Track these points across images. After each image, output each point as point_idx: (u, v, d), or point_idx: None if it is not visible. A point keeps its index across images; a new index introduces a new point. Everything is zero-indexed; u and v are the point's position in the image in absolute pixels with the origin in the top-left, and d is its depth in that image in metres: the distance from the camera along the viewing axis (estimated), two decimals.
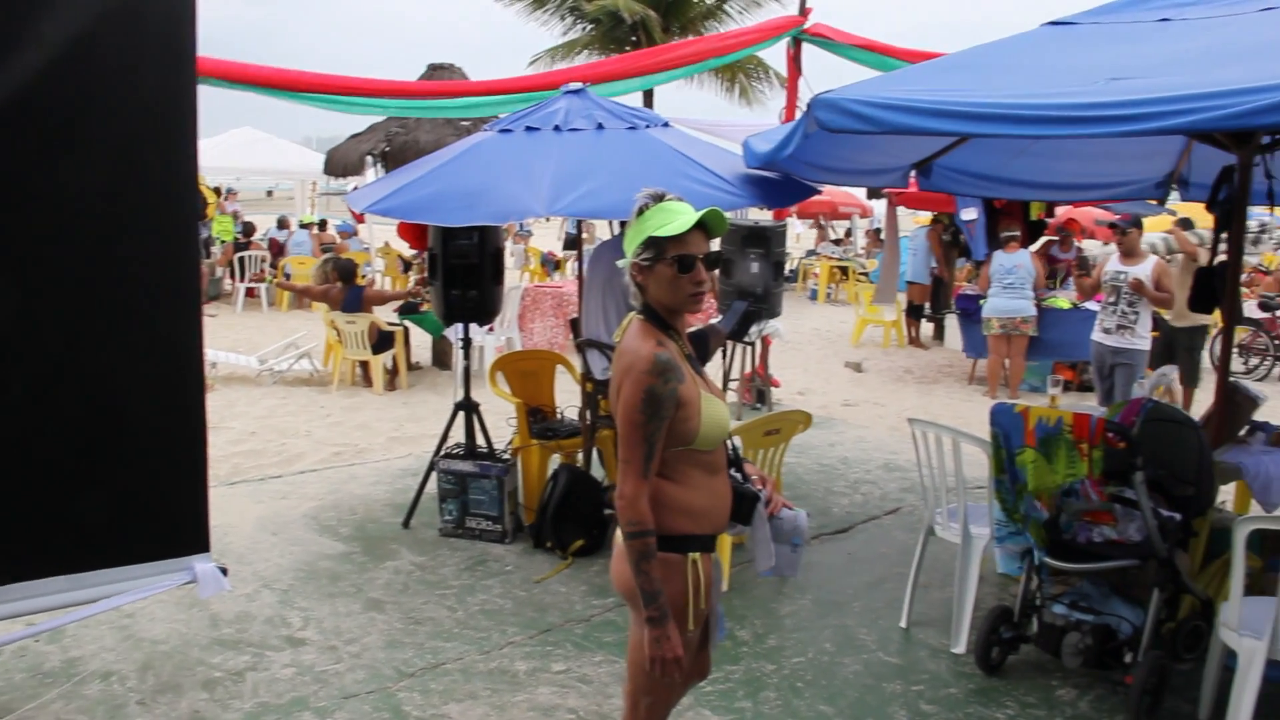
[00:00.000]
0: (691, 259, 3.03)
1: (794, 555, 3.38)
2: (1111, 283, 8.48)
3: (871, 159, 6.80)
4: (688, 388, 3.02)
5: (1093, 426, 4.49)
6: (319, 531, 6.91)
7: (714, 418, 3.06)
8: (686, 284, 3.05)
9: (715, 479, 3.16)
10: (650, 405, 2.94)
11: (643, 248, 3.07)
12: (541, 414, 7.41)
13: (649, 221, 3.06)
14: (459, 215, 5.92)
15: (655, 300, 3.10)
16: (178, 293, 3.33)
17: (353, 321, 11.63)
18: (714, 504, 3.16)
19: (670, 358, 2.98)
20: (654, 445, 2.98)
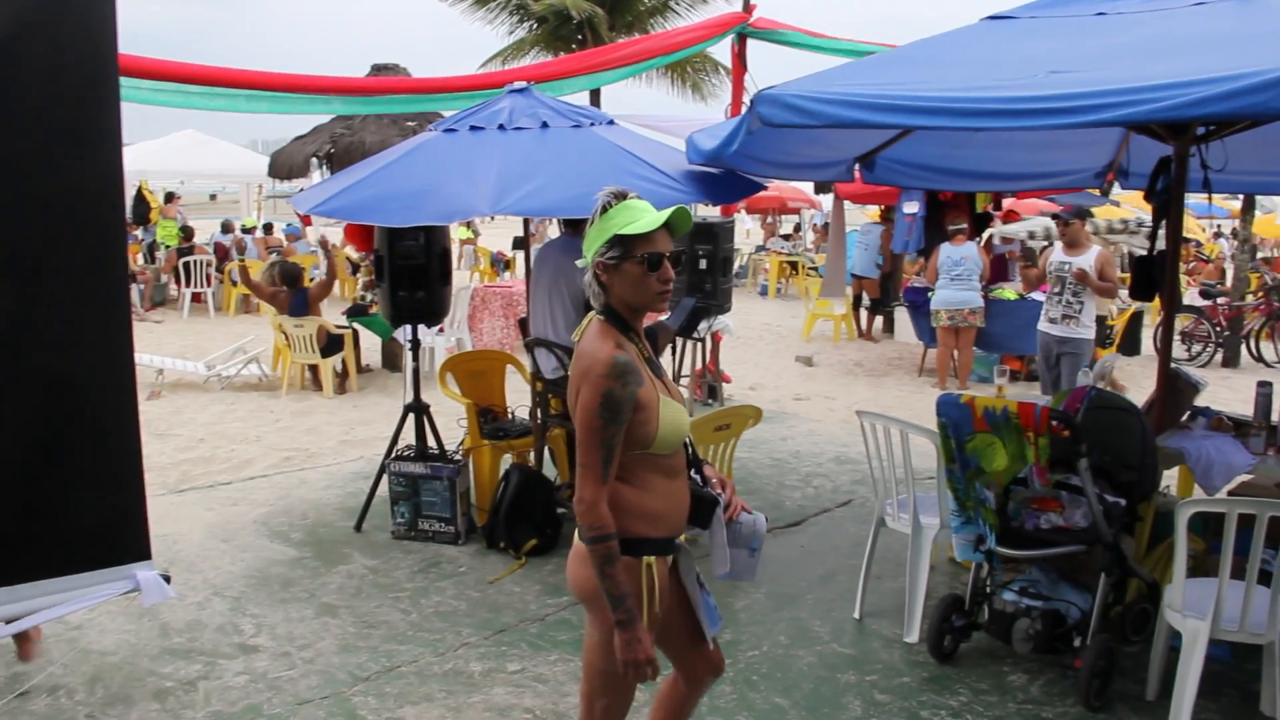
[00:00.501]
0: (659, 256, 2.99)
1: (752, 560, 3.36)
2: (1056, 273, 8.58)
3: (815, 153, 6.84)
4: (646, 391, 2.98)
5: (1037, 415, 4.54)
6: (270, 537, 6.85)
7: (673, 421, 3.04)
8: (654, 282, 3.01)
9: (673, 482, 3.13)
10: (608, 409, 2.91)
11: (607, 246, 3.02)
12: (492, 414, 7.38)
13: (613, 220, 3.01)
14: (404, 215, 5.89)
15: (620, 300, 3.05)
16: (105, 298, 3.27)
17: (301, 325, 11.54)
18: (671, 508, 3.13)
19: (629, 360, 2.94)
20: (613, 449, 2.94)
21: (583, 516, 2.96)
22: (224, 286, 18.94)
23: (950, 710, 4.66)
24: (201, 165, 21.08)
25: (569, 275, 6.34)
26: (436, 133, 6.58)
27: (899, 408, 10.73)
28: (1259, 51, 3.67)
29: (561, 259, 6.43)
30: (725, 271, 9.65)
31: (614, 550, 2.95)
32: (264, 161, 16.66)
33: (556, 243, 6.67)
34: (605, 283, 3.06)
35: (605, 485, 2.95)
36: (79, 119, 3.14)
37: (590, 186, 5.71)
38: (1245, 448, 5.24)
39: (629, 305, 3.06)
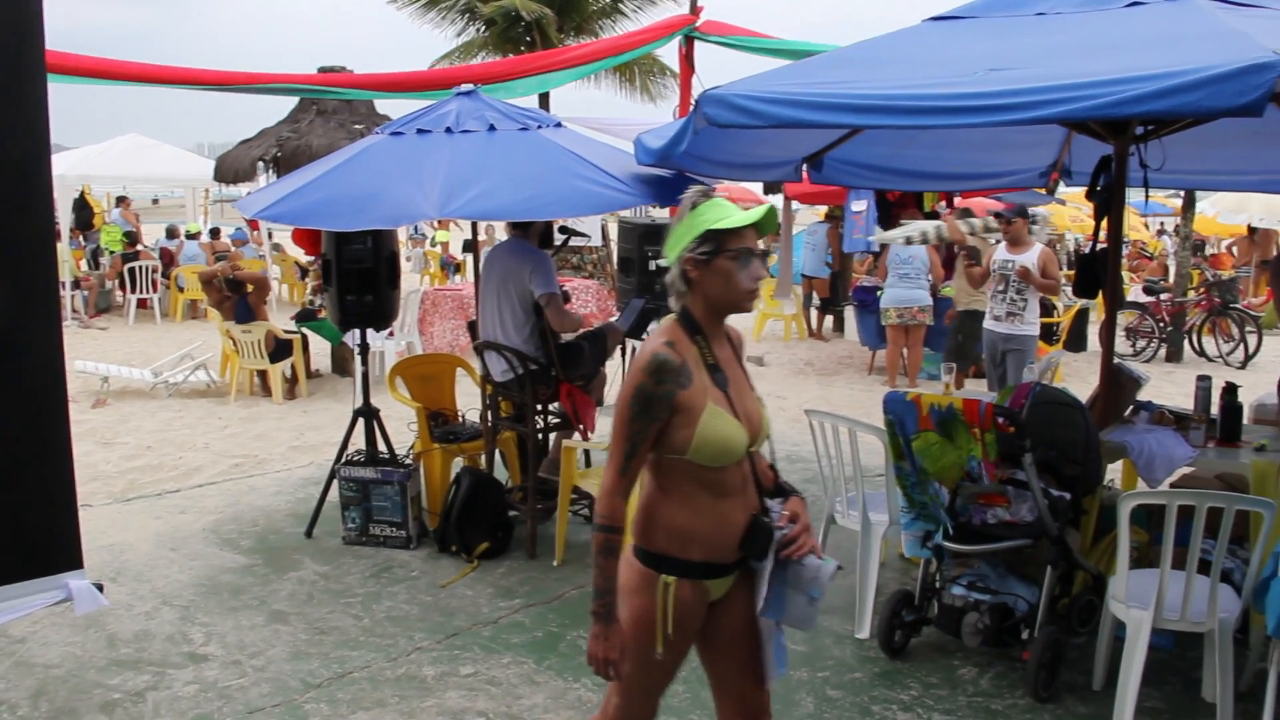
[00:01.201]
0: (750, 252, 2.93)
1: (809, 609, 3.04)
2: (1000, 271, 8.67)
3: (763, 153, 6.88)
4: (690, 395, 2.87)
5: (982, 411, 4.59)
6: (220, 545, 6.79)
7: (716, 433, 2.88)
8: (745, 279, 2.93)
9: (720, 501, 2.95)
10: (638, 403, 2.84)
11: (698, 241, 2.92)
12: (443, 418, 7.37)
13: (704, 215, 2.93)
14: (351, 219, 5.86)
15: (706, 297, 2.97)
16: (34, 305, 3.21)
17: (249, 331, 11.44)
18: (710, 529, 2.96)
19: (671, 359, 2.85)
20: (637, 445, 2.87)
21: (597, 501, 2.91)
22: (170, 292, 18.72)
23: (901, 704, 4.71)
24: (145, 169, 20.73)
25: (517, 278, 6.34)
26: (383, 136, 6.56)
27: (849, 406, 10.81)
28: (1192, 51, 3.74)
29: (509, 262, 6.43)
30: None
31: (611, 543, 2.87)
32: (209, 165, 16.47)
33: (504, 245, 6.66)
34: (694, 279, 2.96)
35: (624, 477, 2.88)
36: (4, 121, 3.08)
37: (537, 189, 5.79)
38: (1186, 441, 5.32)
39: (714, 304, 2.99)
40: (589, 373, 6.70)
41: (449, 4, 20.18)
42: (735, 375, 3.05)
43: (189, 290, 18.29)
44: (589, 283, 14.86)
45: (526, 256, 6.39)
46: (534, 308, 6.34)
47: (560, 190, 5.84)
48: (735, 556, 3.00)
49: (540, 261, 6.36)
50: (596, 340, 6.75)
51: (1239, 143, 6.48)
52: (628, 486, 2.90)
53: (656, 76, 20.84)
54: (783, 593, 3.02)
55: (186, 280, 18.30)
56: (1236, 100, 3.40)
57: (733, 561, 3.01)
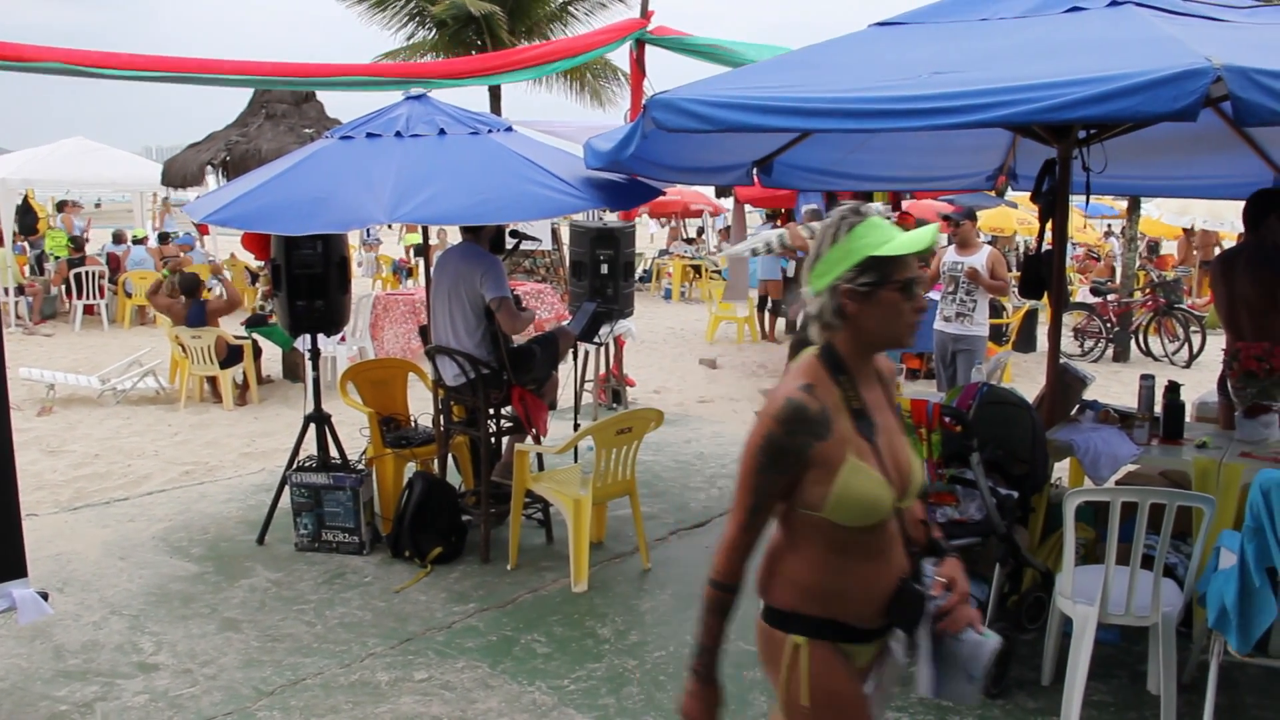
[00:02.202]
0: (912, 282, 2.55)
1: (969, 686, 2.67)
2: (949, 273, 8.78)
3: (713, 158, 6.93)
4: (829, 447, 2.48)
5: (929, 411, 4.66)
6: (170, 553, 6.73)
7: (857, 492, 2.49)
8: (909, 311, 2.56)
9: (861, 563, 2.57)
10: (767, 455, 2.49)
11: (858, 270, 2.51)
12: (395, 422, 7.35)
13: (863, 240, 2.52)
14: (300, 224, 5.84)
15: (861, 332, 2.56)
16: None
17: (199, 336, 11.34)
18: (848, 587, 2.58)
19: (808, 406, 2.48)
20: (763, 500, 2.53)
21: (714, 555, 2.59)
22: (117, 298, 18.46)
23: None
24: (91, 173, 20.47)
25: (468, 282, 6.34)
26: (333, 140, 6.53)
27: None
28: (1130, 57, 3.82)
29: (460, 266, 6.42)
30: (627, 276, 9.71)
31: (720, 602, 2.58)
32: (157, 169, 16.29)
33: (456, 249, 6.65)
34: (851, 314, 2.55)
35: (746, 534, 2.55)
36: None
37: (488, 193, 5.80)
38: (1130, 439, 5.42)
39: (870, 340, 2.59)
40: (541, 376, 6.70)
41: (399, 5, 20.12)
42: (885, 421, 2.63)
43: (136, 296, 18.07)
44: (541, 287, 14.87)
45: (477, 260, 6.39)
46: (485, 312, 6.34)
47: (511, 194, 5.85)
48: (879, 623, 2.62)
49: (491, 265, 6.37)
50: (548, 344, 6.75)
51: (1178, 149, 6.62)
52: (750, 543, 2.57)
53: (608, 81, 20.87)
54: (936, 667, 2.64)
55: (134, 286, 18.08)
56: (1171, 105, 3.48)
57: (876, 628, 2.63)
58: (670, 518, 7.39)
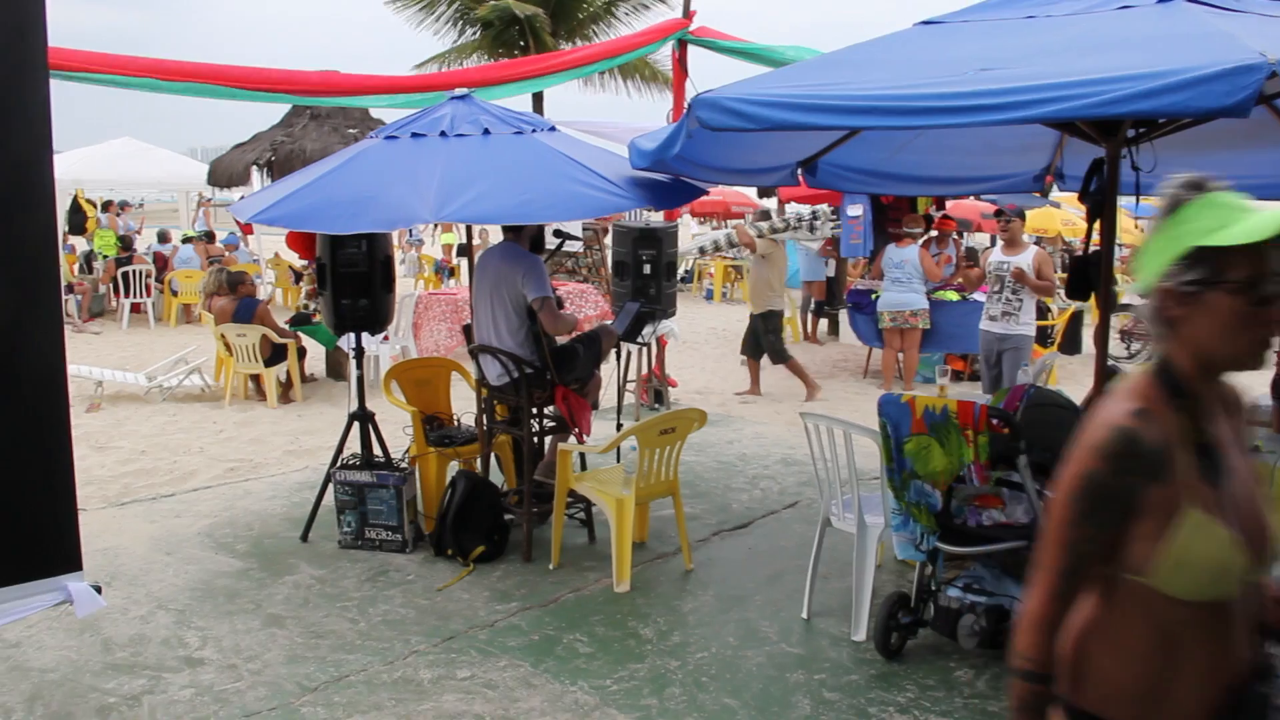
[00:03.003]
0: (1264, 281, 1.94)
1: None
2: (995, 272, 8.72)
3: (757, 158, 6.90)
4: (1166, 492, 1.96)
5: (976, 413, 4.62)
6: (215, 549, 6.80)
7: (1199, 555, 1.95)
8: (1258, 325, 1.96)
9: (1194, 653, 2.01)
10: (1088, 499, 2.00)
11: (1185, 265, 1.98)
12: (438, 421, 7.38)
13: (1191, 224, 1.97)
14: (345, 223, 5.88)
15: (1197, 344, 2.01)
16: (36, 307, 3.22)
17: (244, 334, 11.44)
18: (1170, 687, 2.02)
19: (1141, 437, 1.97)
20: (1082, 558, 2.02)
21: (1016, 634, 2.10)
22: (164, 296, 18.70)
23: (898, 706, 4.73)
24: (138, 173, 20.70)
25: (510, 282, 6.36)
26: (378, 140, 6.58)
27: (845, 409, 10.83)
28: (1181, 52, 3.77)
29: (502, 266, 6.44)
30: (669, 276, 9.71)
31: (1039, 699, 2.08)
32: (203, 169, 16.46)
33: (496, 249, 6.68)
34: (1176, 321, 2.02)
35: (1059, 602, 2.05)
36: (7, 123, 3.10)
37: (532, 193, 5.82)
38: None
39: (1203, 356, 2.02)
40: (584, 376, 6.72)
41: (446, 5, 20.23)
42: (1237, 463, 2.07)
43: (183, 294, 18.31)
44: (584, 287, 14.87)
45: (518, 260, 6.41)
46: (527, 311, 6.36)
47: (555, 194, 5.86)
48: None
49: (532, 265, 6.38)
50: (591, 343, 6.77)
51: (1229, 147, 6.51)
52: (1061, 614, 2.06)
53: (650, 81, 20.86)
54: None
55: (180, 285, 18.30)
56: (1224, 101, 3.42)
57: None
58: (712, 518, 7.38)
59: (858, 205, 13.57)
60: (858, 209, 13.57)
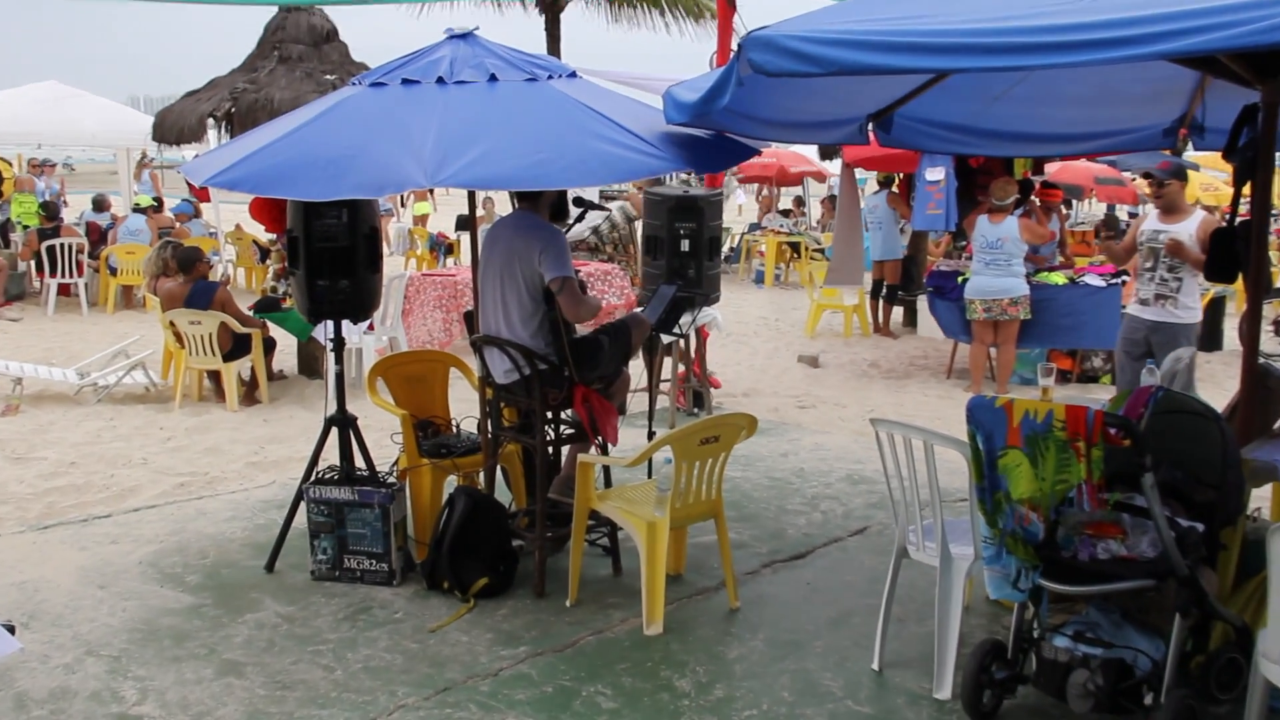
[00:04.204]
0: None
1: None
2: (1149, 244, 8.48)
3: (820, 109, 6.87)
4: None
5: (1090, 421, 4.56)
6: (160, 581, 6.82)
7: None
8: None
9: None
10: None
11: None
12: (433, 427, 7.39)
13: None
14: (322, 187, 5.87)
15: None
16: None
17: (198, 322, 11.47)
18: None
19: None
20: None
21: None
22: (100, 276, 18.71)
23: None
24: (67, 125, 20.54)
25: (524, 259, 6.34)
26: (361, 87, 6.58)
27: (924, 415, 10.80)
28: None
29: (515, 240, 6.44)
30: (712, 254, 9.66)
31: None
32: (147, 122, 16.52)
33: (508, 221, 6.68)
34: None
35: None
36: None
37: (549, 152, 5.82)
38: None
39: None
40: (609, 374, 6.71)
41: None
42: None
43: (123, 274, 18.30)
44: (609, 267, 14.89)
45: (535, 233, 6.40)
46: (544, 295, 6.35)
47: (577, 153, 5.85)
48: None
49: (552, 239, 6.37)
50: (619, 335, 6.75)
51: None
52: None
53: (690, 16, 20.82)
54: None
55: (120, 262, 18.25)
56: None
57: None
58: (763, 547, 7.37)
59: (938, 169, 13.39)
60: (938, 172, 13.38)
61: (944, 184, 13.39)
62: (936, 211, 13.57)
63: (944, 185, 13.39)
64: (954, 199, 13.32)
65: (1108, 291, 12.54)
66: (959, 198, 13.43)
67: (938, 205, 13.55)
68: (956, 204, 13.39)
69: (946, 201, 13.39)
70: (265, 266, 18.19)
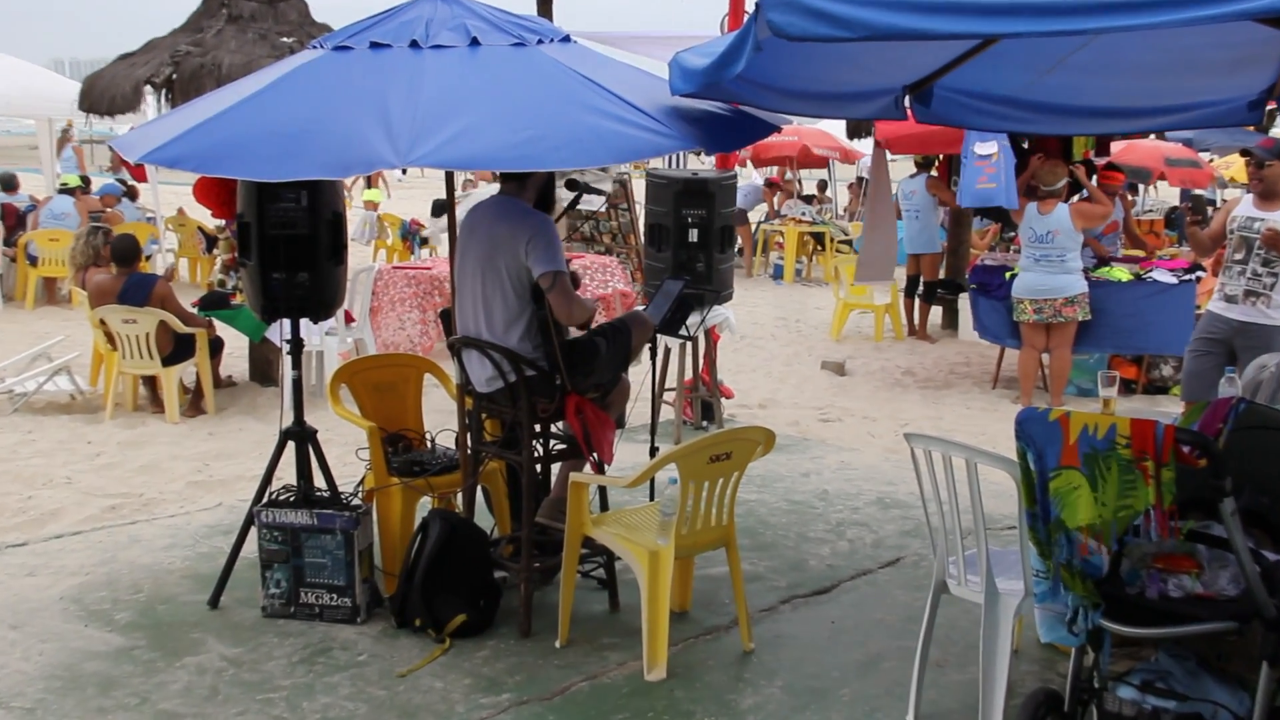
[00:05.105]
0: None
1: None
2: (1241, 233, 8.36)
3: (850, 79, 6.87)
4: None
5: (1159, 437, 4.55)
6: (84, 620, 6.80)
7: None
8: None
9: None
10: None
11: None
12: (404, 442, 7.39)
13: None
14: (278, 166, 5.86)
15: None
16: None
17: (133, 321, 11.45)
18: None
19: None
20: None
21: None
22: (16, 266, 18.67)
23: None
24: None
25: (509, 250, 6.34)
26: (324, 51, 6.57)
27: (966, 430, 10.81)
28: None
29: (498, 228, 6.44)
30: (724, 246, 9.69)
31: None
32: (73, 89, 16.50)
33: (490, 206, 6.68)
34: None
35: None
36: None
37: (539, 128, 5.83)
38: None
39: None
40: (606, 381, 6.72)
41: None
42: None
43: (45, 264, 18.24)
44: (606, 260, 14.90)
45: (522, 221, 6.41)
46: (531, 292, 6.36)
47: (571, 129, 5.85)
48: None
49: (540, 228, 6.37)
50: (617, 337, 6.75)
51: None
52: None
53: None
54: None
55: (41, 250, 18.16)
56: None
57: None
58: (782, 580, 7.38)
59: (989, 143, 13.15)
60: (989, 146, 13.10)
61: (997, 157, 13.11)
62: (989, 185, 13.12)
63: (998, 159, 13.12)
64: (1013, 174, 13.01)
65: (1179, 289, 12.48)
66: None
67: (990, 178, 13.15)
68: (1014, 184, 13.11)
69: (1002, 175, 13.01)
70: (212, 257, 18.17)
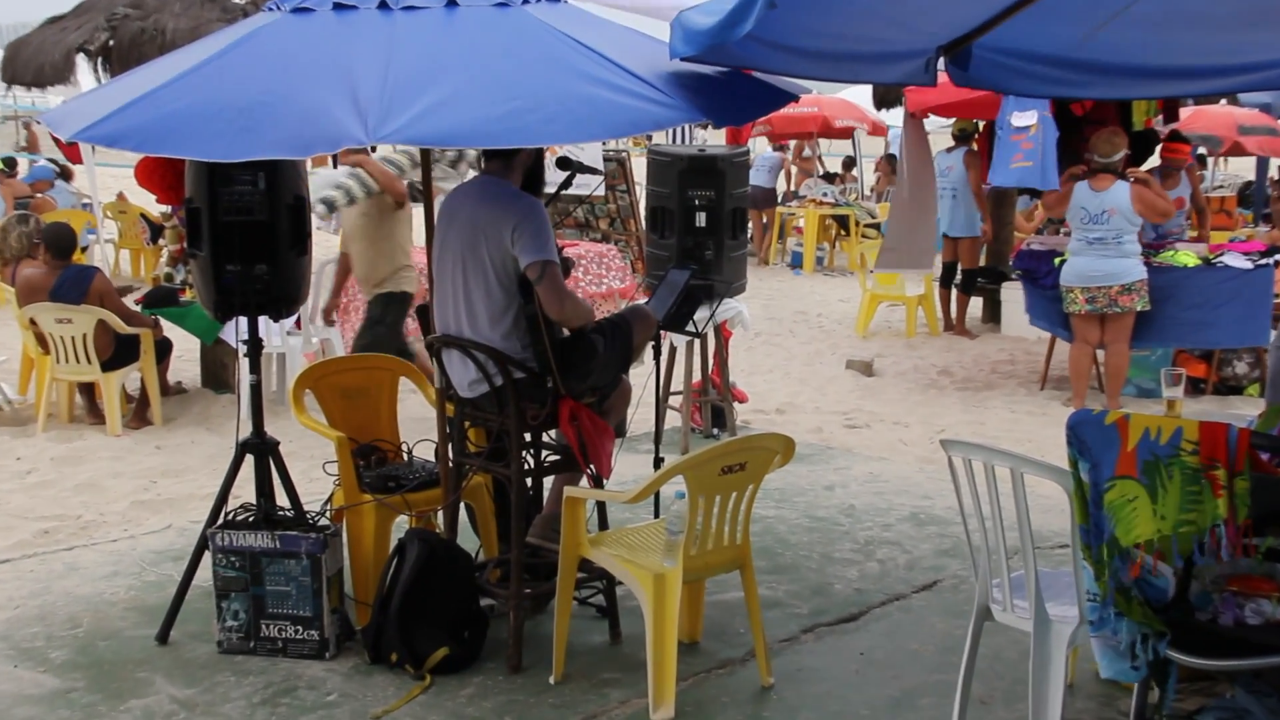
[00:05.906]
0: None
1: None
2: None
3: (876, 36, 6.85)
4: None
5: (1232, 443, 4.55)
6: (14, 659, 6.79)
7: None
8: None
9: None
10: None
11: None
12: (378, 454, 7.40)
13: None
14: (231, 144, 5.84)
15: None
16: None
17: (68, 321, 11.46)
18: None
19: None
20: None
21: None
22: None
23: None
24: None
25: (493, 238, 6.35)
26: (281, 14, 6.55)
27: (1011, 437, 10.81)
28: None
29: (481, 212, 6.45)
30: (736, 231, 9.69)
31: None
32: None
33: (472, 188, 6.69)
34: None
35: None
36: None
37: (525, 99, 5.83)
38: None
39: None
40: (604, 384, 6.72)
41: None
42: None
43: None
44: (604, 248, 14.91)
45: (507, 205, 6.41)
46: (519, 284, 6.36)
47: (562, 100, 5.84)
48: None
49: (529, 213, 6.38)
50: (617, 334, 6.76)
51: None
52: None
53: None
54: None
55: None
56: None
57: None
58: (804, 606, 7.39)
59: (1028, 113, 13.05)
60: (1028, 117, 13.00)
61: (1036, 130, 13.00)
62: (1024, 163, 13.02)
63: (1036, 133, 13.01)
64: (1053, 151, 12.91)
65: (1255, 274, 12.44)
66: (1060, 157, 13.01)
67: (1026, 156, 13.07)
68: (1057, 161, 12.98)
69: (1040, 152, 12.96)
70: (158, 248, 18.19)
